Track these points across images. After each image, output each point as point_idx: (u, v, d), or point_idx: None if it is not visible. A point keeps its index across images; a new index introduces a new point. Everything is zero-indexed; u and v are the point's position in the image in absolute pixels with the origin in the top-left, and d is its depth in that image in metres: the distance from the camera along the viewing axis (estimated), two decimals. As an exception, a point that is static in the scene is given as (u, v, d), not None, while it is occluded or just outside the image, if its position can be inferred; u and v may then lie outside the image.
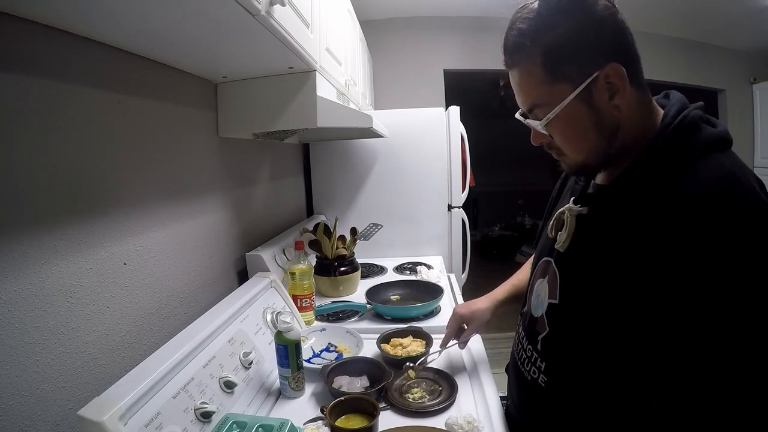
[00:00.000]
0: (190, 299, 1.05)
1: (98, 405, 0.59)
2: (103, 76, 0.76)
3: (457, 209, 2.13)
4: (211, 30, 0.75)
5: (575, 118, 0.60)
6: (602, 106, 0.59)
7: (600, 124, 0.60)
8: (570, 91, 0.59)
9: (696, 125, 0.60)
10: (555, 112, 0.60)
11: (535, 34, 0.59)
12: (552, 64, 0.59)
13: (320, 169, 2.16)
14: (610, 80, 0.58)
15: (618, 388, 0.62)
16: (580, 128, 0.61)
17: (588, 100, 0.59)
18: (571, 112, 0.60)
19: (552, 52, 0.58)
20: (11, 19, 0.58)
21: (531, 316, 0.77)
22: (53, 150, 0.66)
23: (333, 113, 1.14)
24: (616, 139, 0.62)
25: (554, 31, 0.58)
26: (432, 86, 3.13)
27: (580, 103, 0.59)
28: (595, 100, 0.59)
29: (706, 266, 0.51)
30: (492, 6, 2.84)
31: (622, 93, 0.59)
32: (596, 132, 0.61)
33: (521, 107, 0.67)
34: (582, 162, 0.65)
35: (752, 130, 3.53)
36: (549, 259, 0.74)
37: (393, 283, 1.55)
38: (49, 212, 0.65)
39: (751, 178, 0.55)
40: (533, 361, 0.75)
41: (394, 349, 1.08)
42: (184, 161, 1.04)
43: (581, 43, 0.57)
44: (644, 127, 0.62)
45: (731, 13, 2.85)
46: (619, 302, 0.59)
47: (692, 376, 0.54)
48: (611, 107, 0.59)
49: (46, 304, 0.64)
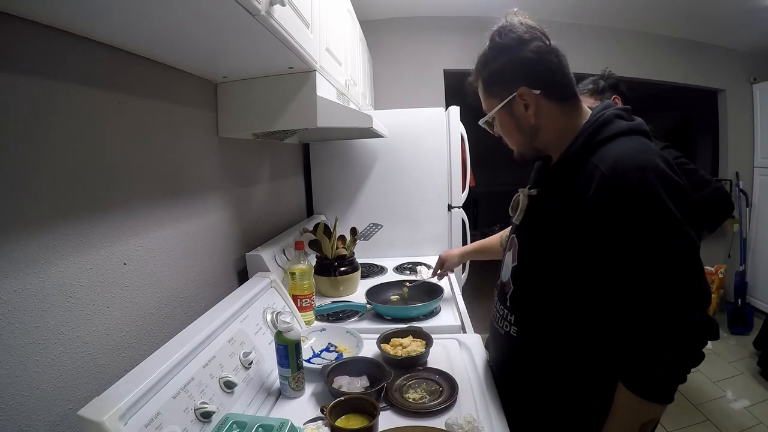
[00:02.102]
0: (190, 299, 1.05)
1: (98, 405, 0.59)
2: (103, 76, 0.76)
3: (457, 209, 2.13)
4: (212, 30, 0.75)
5: (504, 121, 0.89)
6: (519, 115, 0.86)
7: (520, 126, 0.87)
8: (498, 104, 0.87)
9: (610, 121, 0.81)
10: (489, 116, 0.90)
11: (482, 66, 0.89)
12: (487, 86, 0.89)
13: (320, 169, 2.16)
14: (523, 98, 0.84)
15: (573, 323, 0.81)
16: (508, 128, 0.89)
17: (509, 111, 0.87)
18: (501, 118, 0.89)
19: (487, 78, 0.89)
20: (11, 19, 0.58)
21: (501, 282, 0.97)
22: (53, 150, 0.66)
23: (333, 113, 1.14)
24: (537, 138, 0.87)
25: (488, 66, 0.87)
26: (432, 86, 3.13)
27: (505, 112, 0.87)
28: (514, 111, 0.86)
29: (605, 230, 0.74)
30: (492, 6, 2.84)
31: (533, 107, 0.84)
32: (519, 131, 0.88)
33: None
34: (518, 151, 0.92)
35: (752, 130, 3.53)
36: (513, 235, 0.97)
37: (393, 283, 1.55)
38: (49, 212, 0.65)
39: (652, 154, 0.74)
40: (505, 316, 0.92)
41: (394, 349, 1.08)
42: (184, 161, 1.04)
43: (502, 74, 0.86)
44: (569, 126, 0.85)
45: (731, 13, 2.84)
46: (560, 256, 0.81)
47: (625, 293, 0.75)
48: (527, 116, 0.85)
49: (46, 304, 0.64)
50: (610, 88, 1.61)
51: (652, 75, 3.30)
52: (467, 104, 1.02)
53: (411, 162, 2.11)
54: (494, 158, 7.10)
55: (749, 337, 2.99)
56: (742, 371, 2.69)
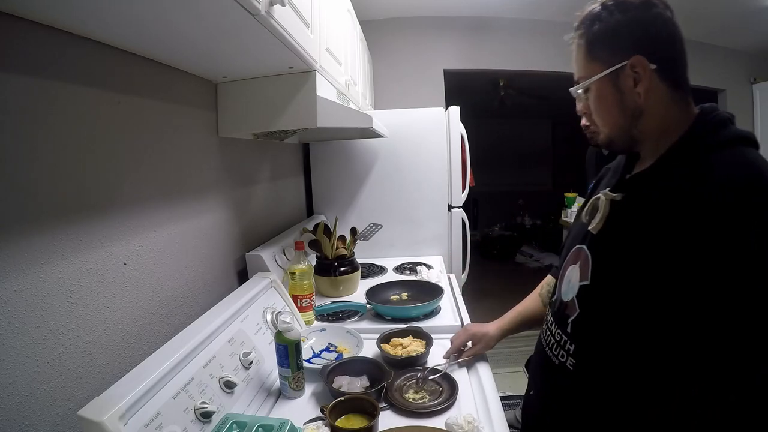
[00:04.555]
0: (190, 299, 1.05)
1: (98, 405, 0.59)
2: (103, 75, 0.76)
3: (457, 209, 2.13)
4: (211, 30, 0.75)
5: (603, 94, 0.72)
6: (626, 89, 0.69)
7: (623, 104, 0.70)
8: (601, 70, 0.70)
9: (724, 122, 0.67)
10: (586, 84, 0.73)
11: (590, 20, 0.72)
12: (591, 47, 0.72)
13: (320, 169, 2.16)
14: (635, 69, 0.68)
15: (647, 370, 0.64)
16: (607, 103, 0.72)
17: (614, 82, 0.70)
18: (601, 88, 0.72)
19: (594, 36, 0.71)
20: (11, 19, 0.58)
21: (561, 302, 0.79)
22: (53, 150, 0.66)
23: (333, 113, 1.14)
24: (638, 123, 0.71)
25: (601, 21, 0.70)
26: (432, 86, 3.13)
27: (608, 82, 0.71)
28: (620, 83, 0.70)
29: (724, 250, 0.57)
30: (492, 6, 2.84)
31: (644, 82, 0.67)
32: (619, 110, 0.71)
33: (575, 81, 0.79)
34: (608, 135, 0.75)
35: (752, 130, 3.53)
36: (581, 246, 0.78)
37: (393, 283, 1.55)
38: (49, 212, 0.65)
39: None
40: (562, 344, 0.76)
41: (394, 349, 1.08)
42: (185, 161, 1.04)
43: (617, 34, 0.69)
44: (675, 121, 0.69)
45: (731, 13, 2.84)
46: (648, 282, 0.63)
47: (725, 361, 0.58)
48: (634, 93, 0.69)
49: (46, 304, 0.64)
50: None
51: (652, 75, 3.30)
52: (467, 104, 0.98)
53: (411, 162, 2.10)
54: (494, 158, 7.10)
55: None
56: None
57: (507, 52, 3.07)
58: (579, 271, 0.76)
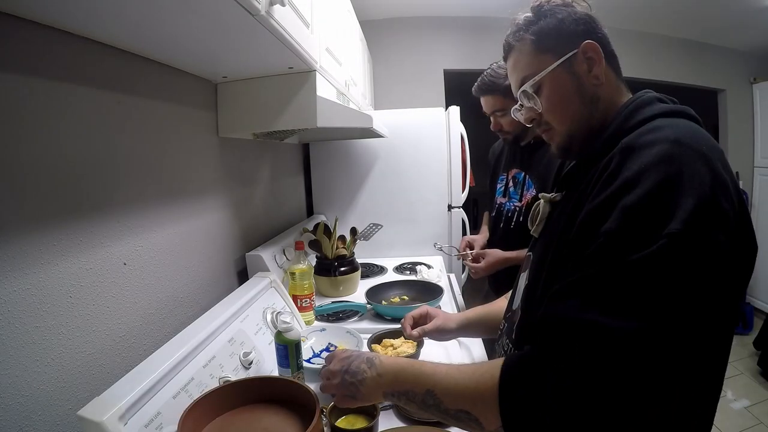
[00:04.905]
0: (190, 299, 1.05)
1: (98, 405, 0.59)
2: (103, 76, 0.76)
3: (457, 209, 2.13)
4: (211, 30, 0.75)
5: (560, 84, 0.68)
6: (582, 75, 0.67)
7: (581, 91, 0.67)
8: (554, 60, 0.67)
9: (650, 102, 0.64)
10: (542, 75, 0.68)
11: (528, 25, 0.71)
12: (540, 41, 0.69)
13: (320, 169, 2.16)
14: (588, 55, 0.66)
15: None
16: (565, 94, 0.68)
17: (570, 69, 0.67)
18: (556, 79, 0.68)
19: (540, 32, 0.69)
20: (11, 19, 0.58)
21: (511, 311, 0.78)
22: (53, 150, 0.66)
23: (333, 113, 1.14)
24: (597, 109, 0.67)
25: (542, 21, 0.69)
26: (432, 86, 3.13)
27: (564, 71, 0.67)
28: (575, 69, 0.67)
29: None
30: (492, 6, 2.84)
31: (599, 66, 0.66)
32: (579, 98, 0.68)
33: (515, 90, 0.74)
34: (567, 132, 0.70)
35: (752, 130, 3.53)
36: (529, 252, 0.77)
37: (393, 283, 1.55)
38: (49, 212, 0.65)
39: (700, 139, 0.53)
40: (508, 351, 0.73)
41: (384, 350, 1.07)
42: (184, 161, 1.04)
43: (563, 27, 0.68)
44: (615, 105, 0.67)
45: (731, 13, 2.85)
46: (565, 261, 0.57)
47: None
48: (591, 77, 0.67)
49: (46, 304, 0.64)
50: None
51: (652, 75, 3.30)
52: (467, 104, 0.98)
53: (411, 162, 2.11)
54: (494, 158, 7.02)
55: (749, 336, 2.99)
56: (742, 371, 2.69)
57: (507, 52, 3.06)
58: (525, 277, 0.74)
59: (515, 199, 1.53)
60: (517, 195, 1.52)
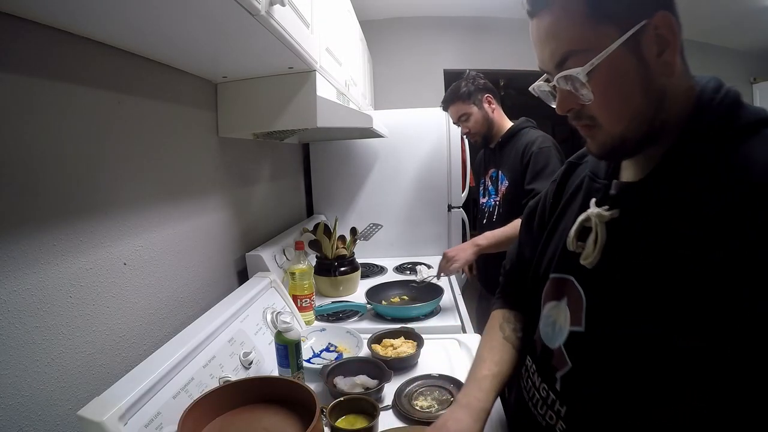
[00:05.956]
0: (190, 299, 1.05)
1: (98, 405, 0.59)
2: (103, 76, 0.76)
3: (456, 209, 2.13)
4: (211, 30, 0.75)
5: (622, 71, 0.49)
6: (650, 60, 0.48)
7: (648, 82, 0.49)
8: (617, 35, 0.47)
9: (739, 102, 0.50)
10: (600, 57, 0.48)
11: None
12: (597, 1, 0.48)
13: (320, 169, 2.16)
14: (659, 31, 0.47)
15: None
16: (626, 85, 0.49)
17: (636, 51, 0.48)
18: (617, 63, 0.48)
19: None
20: (11, 19, 0.58)
21: (544, 347, 0.63)
22: (53, 150, 0.66)
23: (333, 113, 1.14)
24: (662, 108, 0.50)
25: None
26: (432, 86, 3.13)
27: (627, 52, 0.48)
28: (644, 52, 0.48)
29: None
30: (492, 6, 2.84)
31: (673, 49, 0.48)
32: (643, 92, 0.49)
33: (546, 64, 0.54)
34: (620, 135, 0.52)
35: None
36: (566, 277, 0.61)
37: (393, 283, 1.55)
38: (49, 212, 0.65)
39: None
40: (550, 404, 0.59)
41: (384, 350, 1.07)
42: (184, 161, 1.04)
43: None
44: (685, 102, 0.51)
45: (731, 13, 2.85)
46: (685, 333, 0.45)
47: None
48: (661, 64, 0.48)
49: (46, 304, 0.64)
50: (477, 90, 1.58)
51: (652, 75, 3.30)
52: None
53: (411, 162, 2.11)
54: (494, 158, 7.01)
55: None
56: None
57: (507, 52, 3.06)
58: (568, 313, 0.59)
59: (493, 195, 1.65)
60: (494, 190, 1.64)
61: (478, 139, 1.65)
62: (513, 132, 1.58)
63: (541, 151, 1.45)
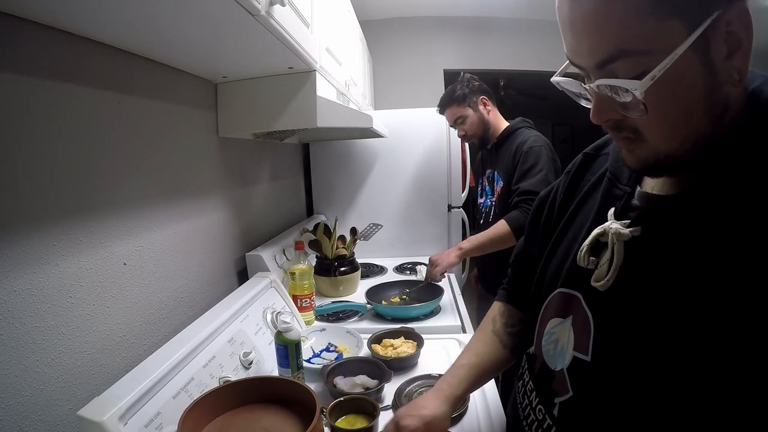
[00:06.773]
0: (190, 299, 1.05)
1: (98, 405, 0.59)
2: (103, 76, 0.76)
3: (456, 209, 2.13)
4: (211, 30, 0.75)
5: (686, 82, 0.38)
6: (718, 64, 0.38)
7: (713, 93, 0.39)
8: (684, 34, 0.36)
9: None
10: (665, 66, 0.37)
11: None
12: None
13: (320, 169, 2.16)
14: (732, 28, 0.37)
15: None
16: (688, 99, 0.39)
17: (704, 54, 0.38)
18: (680, 71, 0.38)
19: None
20: (11, 19, 0.58)
21: (544, 365, 0.58)
22: (53, 150, 0.66)
23: (333, 113, 1.14)
24: (721, 124, 0.41)
25: None
26: (432, 86, 3.13)
27: (694, 55, 0.37)
28: (712, 55, 0.38)
29: None
30: (492, 6, 2.84)
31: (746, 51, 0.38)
32: (705, 107, 0.40)
33: (580, 57, 0.43)
34: (667, 153, 0.42)
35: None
36: (572, 294, 0.55)
37: (393, 283, 1.55)
38: (49, 212, 0.65)
39: None
40: (545, 428, 0.55)
41: (384, 350, 1.07)
42: (184, 161, 1.04)
43: None
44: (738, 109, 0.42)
45: (731, 13, 2.85)
46: (699, 366, 0.39)
47: None
48: (729, 69, 0.39)
49: (46, 304, 0.64)
50: (472, 92, 1.59)
51: (652, 75, 3.30)
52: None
53: (411, 162, 2.11)
54: (494, 158, 6.98)
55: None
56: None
57: (507, 53, 3.07)
58: (572, 334, 0.53)
59: (489, 195, 1.67)
60: (490, 191, 1.66)
61: (475, 140, 1.66)
62: (508, 132, 1.60)
63: (531, 150, 1.46)
